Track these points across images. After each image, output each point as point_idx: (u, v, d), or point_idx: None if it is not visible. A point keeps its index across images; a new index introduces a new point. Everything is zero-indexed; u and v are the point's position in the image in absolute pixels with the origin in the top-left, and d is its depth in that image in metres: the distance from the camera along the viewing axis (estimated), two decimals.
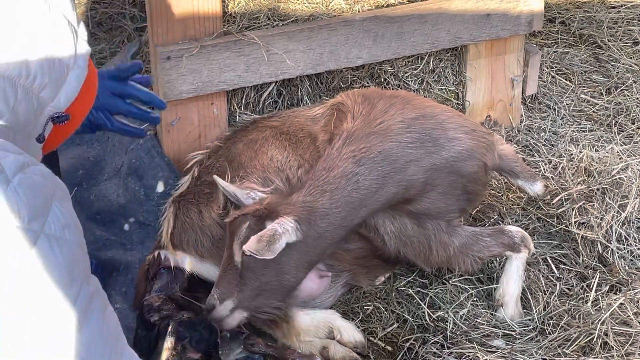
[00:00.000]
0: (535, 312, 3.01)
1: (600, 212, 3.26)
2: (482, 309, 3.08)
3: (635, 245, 3.20)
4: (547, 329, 2.93)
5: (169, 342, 2.77)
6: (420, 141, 2.82)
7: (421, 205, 2.89)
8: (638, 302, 2.91)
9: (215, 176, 2.88)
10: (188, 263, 3.03)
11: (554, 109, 4.08)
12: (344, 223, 2.75)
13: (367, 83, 3.65)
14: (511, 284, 3.02)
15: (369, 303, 3.13)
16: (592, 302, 2.96)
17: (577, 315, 2.93)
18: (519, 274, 3.03)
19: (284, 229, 2.60)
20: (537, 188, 3.23)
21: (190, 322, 2.82)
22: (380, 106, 2.89)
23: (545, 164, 3.66)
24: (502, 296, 3.03)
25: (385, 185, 2.77)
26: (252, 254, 2.55)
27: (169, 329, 2.78)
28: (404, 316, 3.08)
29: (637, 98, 4.13)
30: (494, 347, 2.88)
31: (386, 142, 2.78)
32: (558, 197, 3.38)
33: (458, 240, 2.98)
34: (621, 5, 4.78)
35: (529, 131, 3.94)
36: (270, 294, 2.74)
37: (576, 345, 2.78)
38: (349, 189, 2.72)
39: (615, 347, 2.73)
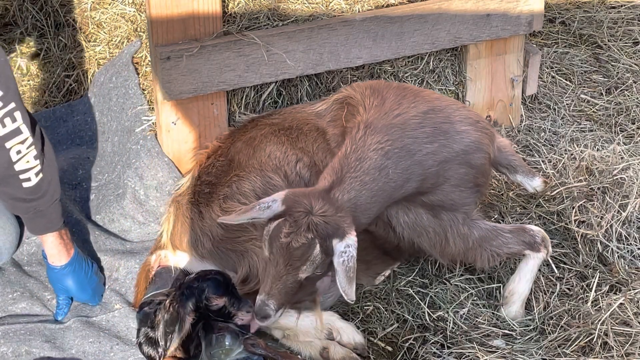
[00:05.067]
0: (536, 312, 3.01)
1: (600, 211, 3.26)
2: (483, 308, 3.08)
3: (636, 245, 3.20)
4: (547, 329, 2.93)
5: (190, 305, 2.74)
6: (433, 135, 2.83)
7: (434, 197, 2.89)
8: (638, 302, 2.91)
9: (219, 219, 2.81)
10: (188, 263, 3.03)
11: (554, 109, 4.09)
12: (376, 215, 2.78)
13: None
14: (522, 283, 3.01)
15: (369, 303, 3.13)
16: (592, 302, 2.96)
17: (577, 315, 2.93)
18: (532, 275, 3.02)
19: (355, 249, 2.60)
20: (536, 183, 3.24)
21: (199, 275, 2.80)
22: (392, 97, 2.89)
23: (546, 164, 3.66)
24: (510, 294, 3.02)
25: (410, 180, 2.78)
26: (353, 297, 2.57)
27: (185, 295, 2.76)
28: (404, 316, 3.08)
29: (637, 98, 4.13)
30: (494, 347, 2.88)
31: (406, 137, 2.79)
32: (557, 191, 3.38)
33: (478, 233, 2.96)
34: (621, 5, 4.78)
35: (529, 131, 3.95)
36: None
37: (576, 345, 2.79)
38: (382, 180, 2.72)
39: (615, 347, 2.73)
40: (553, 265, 3.17)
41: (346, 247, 2.58)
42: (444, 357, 2.87)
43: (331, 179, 2.70)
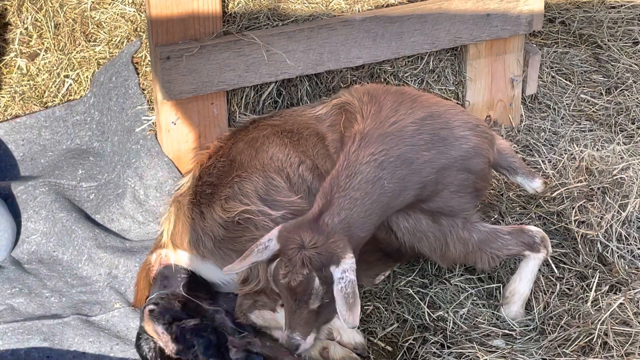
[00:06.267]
0: (536, 312, 3.02)
1: (600, 211, 3.26)
2: (483, 308, 3.08)
3: (635, 245, 3.20)
4: (547, 329, 2.93)
5: (171, 347, 2.77)
6: (431, 142, 2.83)
7: (434, 204, 2.89)
8: (638, 302, 2.91)
9: (224, 269, 2.79)
10: (189, 263, 3.03)
11: (554, 109, 4.09)
12: (376, 225, 2.77)
13: (367, 83, 3.65)
14: (523, 283, 3.02)
15: (369, 303, 3.13)
16: (592, 302, 2.96)
17: (577, 315, 2.93)
18: (533, 275, 3.03)
19: (353, 272, 2.59)
20: (535, 184, 3.24)
21: (196, 328, 2.82)
22: (388, 104, 2.88)
23: (546, 164, 3.67)
24: (512, 294, 3.02)
25: (407, 188, 2.78)
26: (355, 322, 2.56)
27: (172, 336, 2.79)
28: (404, 316, 3.08)
29: (637, 98, 4.13)
30: (494, 347, 2.88)
31: (402, 145, 2.78)
32: (557, 192, 3.38)
33: (477, 236, 2.97)
34: (621, 5, 4.78)
35: (529, 131, 3.95)
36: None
37: (576, 345, 2.79)
38: (377, 193, 2.71)
39: (615, 347, 2.73)
40: (553, 265, 3.17)
41: (343, 273, 2.57)
42: (444, 357, 2.87)
43: (321, 203, 2.70)
